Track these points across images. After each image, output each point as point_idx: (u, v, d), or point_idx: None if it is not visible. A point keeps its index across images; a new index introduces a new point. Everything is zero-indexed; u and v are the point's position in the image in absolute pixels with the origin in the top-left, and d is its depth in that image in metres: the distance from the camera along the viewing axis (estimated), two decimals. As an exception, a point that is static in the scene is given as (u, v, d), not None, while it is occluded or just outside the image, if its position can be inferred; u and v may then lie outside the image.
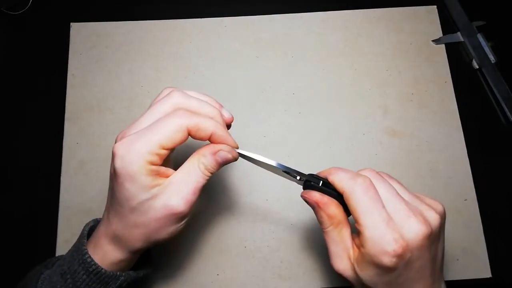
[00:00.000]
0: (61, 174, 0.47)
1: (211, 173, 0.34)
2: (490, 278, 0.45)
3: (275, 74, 0.52)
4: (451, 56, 0.53)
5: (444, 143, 0.49)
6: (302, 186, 0.36)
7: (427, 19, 0.54)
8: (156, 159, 0.31)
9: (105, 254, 0.34)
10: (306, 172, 0.35)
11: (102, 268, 0.33)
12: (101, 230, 0.34)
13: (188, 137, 0.32)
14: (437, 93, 0.51)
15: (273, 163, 0.36)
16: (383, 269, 0.30)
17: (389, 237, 0.30)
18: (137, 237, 0.33)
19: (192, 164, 0.33)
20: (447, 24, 0.54)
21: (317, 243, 0.46)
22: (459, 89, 0.51)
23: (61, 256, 0.38)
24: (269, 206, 0.47)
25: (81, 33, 0.53)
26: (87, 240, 0.35)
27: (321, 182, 0.34)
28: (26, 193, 0.48)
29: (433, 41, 0.53)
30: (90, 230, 0.36)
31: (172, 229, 0.33)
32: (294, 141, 0.49)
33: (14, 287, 0.37)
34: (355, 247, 0.33)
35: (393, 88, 0.51)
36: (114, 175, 0.32)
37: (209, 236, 0.46)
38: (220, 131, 0.33)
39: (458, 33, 0.54)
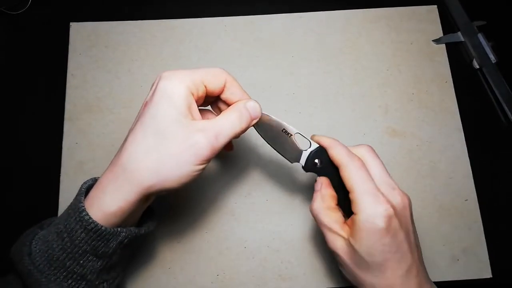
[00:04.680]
0: (61, 174, 0.47)
1: (242, 127, 0.35)
2: (490, 278, 0.45)
3: (275, 74, 0.52)
4: (452, 56, 0.53)
5: (444, 143, 0.49)
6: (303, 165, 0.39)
7: (428, 18, 0.54)
8: (195, 89, 0.33)
9: (105, 200, 0.32)
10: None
11: (101, 225, 0.31)
12: (106, 171, 0.33)
13: (223, 88, 0.35)
14: (438, 93, 0.51)
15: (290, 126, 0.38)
16: (377, 233, 0.33)
17: (380, 200, 0.33)
18: (148, 166, 0.31)
19: (223, 114, 0.35)
20: (448, 24, 0.54)
21: (317, 244, 0.46)
22: (459, 89, 0.51)
23: (54, 217, 0.37)
24: (269, 206, 0.47)
25: (81, 33, 0.53)
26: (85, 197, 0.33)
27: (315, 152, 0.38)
28: (26, 193, 0.47)
29: (433, 41, 0.53)
30: (88, 189, 0.34)
31: (186, 170, 0.32)
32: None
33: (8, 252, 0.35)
34: (346, 226, 0.36)
35: (393, 88, 0.51)
36: (150, 96, 0.33)
37: (209, 236, 0.46)
38: (249, 96, 0.37)
39: (459, 33, 0.54)
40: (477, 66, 0.52)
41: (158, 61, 0.52)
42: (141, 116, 0.33)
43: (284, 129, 0.38)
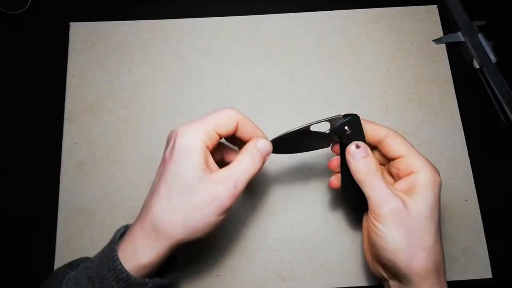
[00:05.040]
0: (60, 174, 0.47)
1: (256, 168, 0.36)
2: (491, 278, 0.45)
3: (275, 74, 0.52)
4: (452, 56, 0.53)
5: (444, 143, 0.49)
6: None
7: (428, 18, 0.54)
8: (209, 141, 0.34)
9: (137, 253, 0.33)
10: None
11: (132, 276, 0.33)
12: (136, 225, 0.34)
13: (235, 130, 0.36)
14: (438, 93, 0.51)
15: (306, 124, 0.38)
16: (437, 195, 0.35)
17: (431, 164, 0.37)
18: (177, 222, 0.33)
19: (237, 161, 0.35)
20: (448, 24, 0.54)
21: (317, 244, 0.46)
22: (459, 89, 0.51)
23: (85, 258, 0.38)
24: (269, 206, 0.47)
25: (80, 33, 0.53)
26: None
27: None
28: (25, 193, 0.47)
29: (433, 40, 0.53)
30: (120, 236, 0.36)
31: (212, 220, 0.34)
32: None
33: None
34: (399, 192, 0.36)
35: (393, 87, 0.51)
36: (170, 153, 0.34)
37: (209, 236, 0.45)
38: (260, 132, 0.38)
39: (459, 32, 0.54)
40: (477, 66, 0.52)
41: (158, 61, 0.52)
42: (163, 174, 0.34)
43: (299, 132, 0.38)
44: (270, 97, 0.51)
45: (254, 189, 0.47)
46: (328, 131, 0.38)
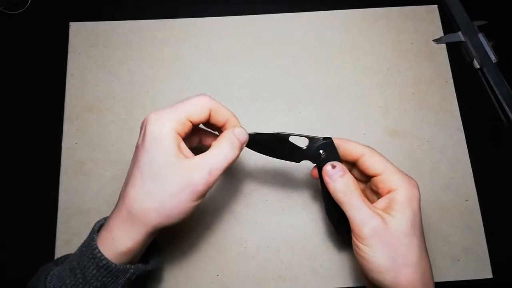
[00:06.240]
0: (60, 174, 0.47)
1: (233, 156, 0.36)
2: (491, 278, 0.45)
3: (275, 74, 0.52)
4: (452, 55, 0.53)
5: (445, 143, 0.49)
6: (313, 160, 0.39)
7: (428, 18, 0.54)
8: (181, 128, 0.34)
9: (115, 241, 0.34)
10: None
11: (112, 262, 0.33)
12: (113, 214, 0.35)
13: (208, 117, 0.36)
14: (438, 93, 0.51)
15: (285, 132, 0.39)
16: (416, 209, 0.35)
17: (410, 178, 0.37)
18: (151, 208, 0.33)
19: (213, 148, 0.36)
20: (448, 24, 0.54)
21: (317, 244, 0.46)
22: (460, 89, 0.51)
23: (70, 254, 0.38)
24: (269, 206, 0.47)
25: (80, 33, 0.53)
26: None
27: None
28: (25, 193, 0.47)
29: (434, 40, 0.53)
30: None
31: (187, 205, 0.34)
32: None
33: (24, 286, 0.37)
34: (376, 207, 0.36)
35: (393, 87, 0.51)
36: (141, 141, 0.34)
37: (209, 236, 0.46)
38: (234, 118, 0.38)
39: (459, 32, 0.53)
40: (478, 66, 0.52)
41: (158, 61, 0.52)
42: (136, 162, 0.35)
43: (278, 137, 0.38)
44: (270, 97, 0.51)
45: (254, 189, 0.47)
46: (305, 148, 0.38)
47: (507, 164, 0.49)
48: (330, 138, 0.38)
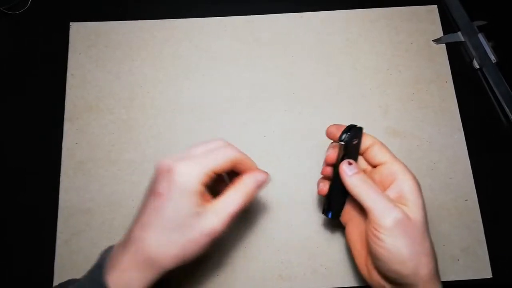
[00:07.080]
0: (60, 174, 0.47)
1: (249, 198, 0.37)
2: (491, 278, 0.45)
3: (275, 74, 0.52)
4: (452, 56, 0.53)
5: (444, 143, 0.49)
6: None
7: (428, 18, 0.54)
8: (207, 181, 0.35)
9: (128, 283, 0.34)
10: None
11: None
12: (125, 255, 0.34)
13: (231, 168, 0.37)
14: (438, 93, 0.51)
15: None
16: (421, 193, 0.37)
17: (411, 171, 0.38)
18: (173, 255, 0.34)
19: (232, 190, 0.37)
20: (448, 24, 0.54)
21: (317, 243, 0.46)
22: (459, 89, 0.51)
23: (73, 280, 0.38)
24: (269, 206, 0.47)
25: (81, 33, 0.53)
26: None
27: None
28: (25, 193, 0.47)
29: (433, 40, 0.53)
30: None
31: (205, 248, 0.35)
32: (294, 141, 0.49)
33: None
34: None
35: (393, 88, 0.51)
36: (167, 190, 0.34)
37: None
38: (255, 166, 0.39)
39: (459, 32, 0.54)
40: (478, 66, 0.52)
41: (158, 61, 0.52)
42: (156, 209, 0.34)
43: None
44: (270, 97, 0.51)
45: (254, 189, 0.47)
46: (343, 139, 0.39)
47: (506, 164, 0.49)
48: (361, 128, 0.40)
